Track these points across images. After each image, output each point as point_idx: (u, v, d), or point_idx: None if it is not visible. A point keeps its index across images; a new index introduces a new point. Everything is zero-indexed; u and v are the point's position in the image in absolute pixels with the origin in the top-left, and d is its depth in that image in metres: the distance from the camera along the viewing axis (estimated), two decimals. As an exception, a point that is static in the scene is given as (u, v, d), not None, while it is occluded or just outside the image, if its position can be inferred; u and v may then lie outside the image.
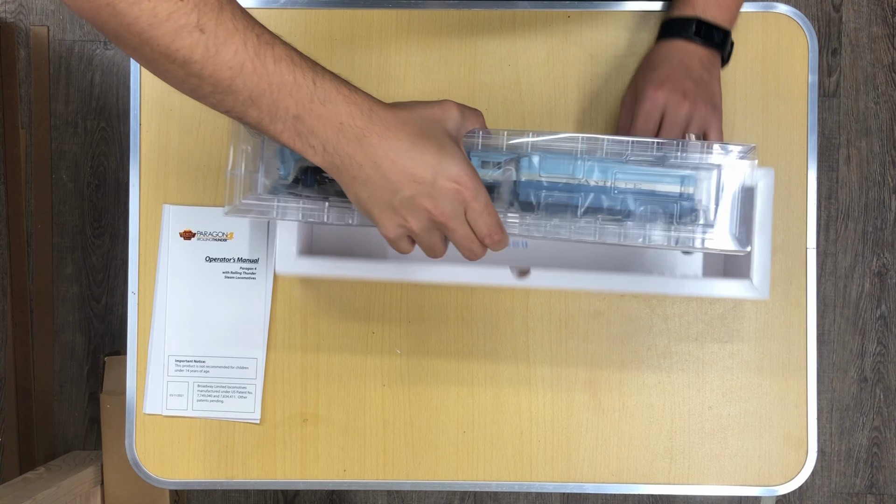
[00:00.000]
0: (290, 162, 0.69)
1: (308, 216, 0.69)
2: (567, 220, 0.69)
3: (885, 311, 1.67)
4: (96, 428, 1.66)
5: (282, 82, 0.58)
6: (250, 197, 0.70)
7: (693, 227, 0.69)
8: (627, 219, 0.69)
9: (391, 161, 0.60)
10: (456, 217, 0.63)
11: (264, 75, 0.57)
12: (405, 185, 0.61)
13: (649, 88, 0.78)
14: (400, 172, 0.60)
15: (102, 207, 1.68)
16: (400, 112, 0.62)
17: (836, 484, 1.67)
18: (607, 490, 0.89)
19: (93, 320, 1.67)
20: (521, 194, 0.70)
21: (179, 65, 0.56)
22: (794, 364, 0.88)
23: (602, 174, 0.69)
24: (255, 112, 0.59)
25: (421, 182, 0.61)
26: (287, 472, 0.89)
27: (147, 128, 0.90)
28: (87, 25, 1.68)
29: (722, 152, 0.68)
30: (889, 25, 1.67)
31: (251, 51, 0.57)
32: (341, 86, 0.60)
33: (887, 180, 1.66)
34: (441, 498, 1.68)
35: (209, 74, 0.57)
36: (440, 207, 0.62)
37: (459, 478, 0.89)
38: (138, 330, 0.89)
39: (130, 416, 0.89)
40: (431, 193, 0.61)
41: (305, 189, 0.69)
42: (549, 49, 0.90)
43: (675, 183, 0.69)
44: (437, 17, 0.90)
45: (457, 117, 0.65)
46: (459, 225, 0.63)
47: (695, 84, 0.79)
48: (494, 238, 0.65)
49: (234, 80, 0.57)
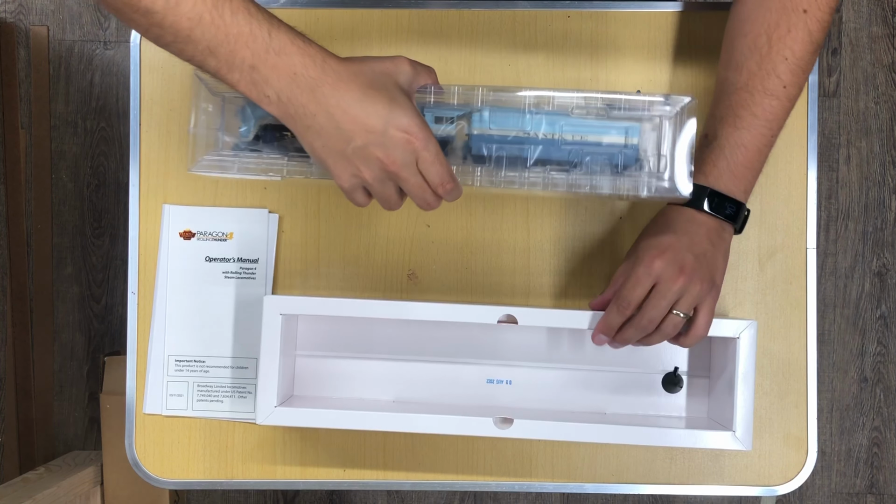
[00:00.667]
0: (251, 120, 0.72)
1: (269, 171, 0.72)
2: (517, 170, 0.73)
3: (885, 311, 1.67)
4: (96, 428, 1.66)
5: (238, 33, 0.60)
6: (212, 153, 0.73)
7: (638, 174, 0.75)
8: (575, 169, 0.74)
9: (343, 111, 0.63)
10: (407, 166, 0.65)
11: (221, 26, 0.60)
12: (357, 135, 0.63)
13: (647, 255, 0.74)
14: (351, 122, 0.63)
15: (102, 207, 1.68)
16: (352, 65, 0.64)
17: (836, 484, 1.67)
18: (607, 490, 0.89)
19: (93, 320, 1.67)
20: (474, 148, 0.73)
21: (142, 14, 0.59)
22: (794, 364, 0.88)
23: (550, 127, 0.73)
24: (213, 61, 0.62)
25: (372, 131, 0.63)
26: (287, 472, 0.89)
27: (147, 128, 0.90)
28: (87, 25, 1.68)
29: (665, 105, 0.74)
30: (889, 25, 1.67)
31: (209, 3, 0.59)
32: (296, 38, 0.63)
33: (887, 180, 1.66)
34: (441, 498, 1.68)
35: (169, 24, 0.60)
36: (391, 156, 0.64)
37: (459, 478, 0.89)
38: (138, 330, 0.89)
39: (130, 416, 0.89)
40: (383, 143, 0.64)
41: (266, 146, 0.72)
42: (549, 49, 0.89)
43: (620, 134, 0.74)
44: (437, 17, 0.90)
45: (409, 72, 0.68)
46: (411, 174, 0.66)
47: (695, 259, 0.73)
48: (446, 187, 0.67)
49: (192, 31, 0.60)
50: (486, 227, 0.89)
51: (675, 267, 0.73)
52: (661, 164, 0.75)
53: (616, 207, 0.88)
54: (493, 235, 0.89)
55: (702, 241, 0.75)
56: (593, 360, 0.86)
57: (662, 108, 0.75)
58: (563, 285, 0.89)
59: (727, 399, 0.80)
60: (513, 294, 0.89)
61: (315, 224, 0.89)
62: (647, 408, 0.87)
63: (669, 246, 0.74)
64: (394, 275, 0.89)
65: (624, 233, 0.89)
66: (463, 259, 0.89)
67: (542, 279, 0.89)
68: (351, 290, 0.89)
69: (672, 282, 0.73)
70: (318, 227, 0.89)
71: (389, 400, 0.86)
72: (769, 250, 0.89)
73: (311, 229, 0.89)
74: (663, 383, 0.86)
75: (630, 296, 0.74)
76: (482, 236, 0.89)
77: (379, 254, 0.89)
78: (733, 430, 0.79)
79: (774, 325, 0.88)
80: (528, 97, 0.73)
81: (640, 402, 0.86)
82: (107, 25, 1.68)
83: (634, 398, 0.86)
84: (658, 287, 0.73)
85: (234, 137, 0.74)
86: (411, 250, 0.89)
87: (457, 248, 0.89)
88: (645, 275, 0.73)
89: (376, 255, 0.89)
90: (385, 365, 0.87)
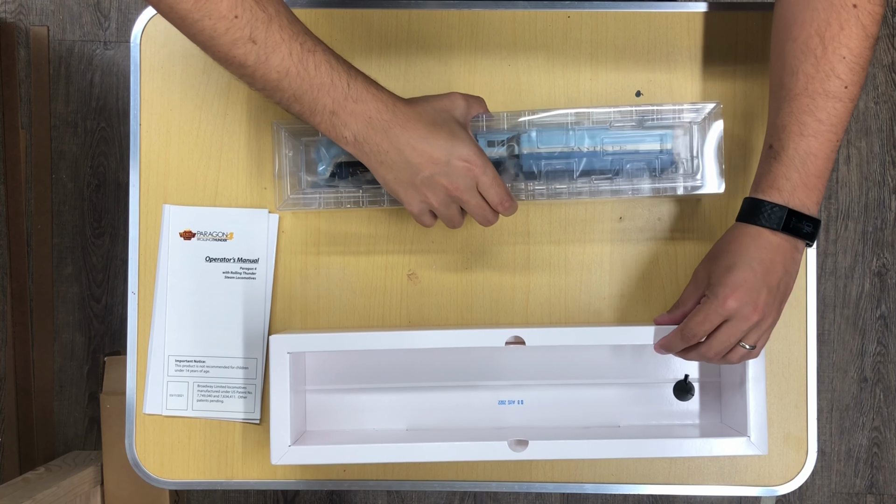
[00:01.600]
0: (327, 159, 0.82)
1: (346, 203, 0.82)
2: (565, 182, 0.82)
3: (885, 311, 1.67)
4: (96, 428, 1.66)
5: (321, 84, 0.70)
6: (296, 192, 0.83)
7: (674, 175, 0.82)
8: (617, 176, 0.82)
9: (412, 147, 0.72)
10: (469, 190, 0.74)
11: (306, 78, 0.69)
12: (424, 167, 0.73)
13: (721, 292, 0.72)
14: (419, 156, 0.72)
15: (102, 207, 1.68)
16: (416, 106, 0.74)
17: (836, 484, 1.67)
18: (607, 490, 0.89)
19: (93, 320, 1.67)
20: (525, 166, 0.82)
21: (236, 67, 0.69)
22: (794, 364, 0.88)
23: (591, 140, 0.82)
24: (298, 106, 0.71)
25: (437, 163, 0.73)
26: (287, 472, 0.89)
27: (147, 128, 0.90)
28: (86, 25, 1.68)
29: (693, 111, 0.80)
30: (889, 25, 1.67)
31: (295, 58, 0.69)
32: (370, 86, 0.72)
33: (887, 180, 1.66)
34: (441, 498, 1.68)
35: (260, 76, 0.69)
36: (455, 183, 0.74)
37: (459, 478, 0.89)
38: (138, 330, 0.89)
39: (130, 416, 0.89)
40: (447, 172, 0.73)
41: (341, 181, 0.82)
42: (549, 49, 0.90)
43: (655, 141, 0.82)
44: (437, 17, 0.90)
45: (463, 105, 0.77)
46: (472, 197, 0.75)
47: (769, 293, 0.72)
48: (505, 205, 0.76)
49: (280, 82, 0.69)
50: (486, 227, 0.89)
51: (750, 307, 0.72)
52: (694, 164, 0.82)
53: (616, 206, 0.88)
54: (494, 235, 0.89)
55: (777, 271, 0.73)
56: (604, 374, 0.86)
57: (691, 114, 0.81)
58: (563, 284, 0.89)
59: (740, 404, 0.80)
60: (513, 293, 0.89)
61: (315, 224, 0.89)
62: (661, 417, 0.86)
63: (744, 283, 0.72)
64: (394, 275, 0.89)
65: (623, 232, 0.89)
66: (463, 259, 0.89)
67: (543, 278, 0.89)
68: (351, 291, 0.89)
69: (745, 321, 0.72)
70: (318, 227, 0.89)
71: (403, 429, 0.86)
72: (769, 250, 0.89)
73: (312, 229, 0.89)
74: (674, 391, 0.86)
75: (698, 330, 0.74)
76: (482, 236, 0.89)
77: (379, 254, 0.89)
78: (748, 436, 0.79)
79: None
80: (569, 115, 0.81)
81: (654, 411, 0.86)
82: (107, 25, 1.68)
83: (647, 408, 0.86)
84: (729, 323, 0.73)
85: (313, 176, 0.83)
86: (411, 250, 0.89)
87: (457, 247, 0.89)
88: (716, 313, 0.72)
89: (377, 255, 0.89)
90: (396, 394, 0.87)
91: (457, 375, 0.86)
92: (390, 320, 0.89)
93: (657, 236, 0.89)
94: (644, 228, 0.89)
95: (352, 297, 0.89)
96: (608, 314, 0.89)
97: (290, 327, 0.89)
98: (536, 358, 0.86)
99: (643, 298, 0.89)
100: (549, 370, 0.86)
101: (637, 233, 0.89)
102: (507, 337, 0.78)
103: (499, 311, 0.89)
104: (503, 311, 0.89)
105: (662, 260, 0.89)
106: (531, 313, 0.89)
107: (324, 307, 0.89)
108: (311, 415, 0.87)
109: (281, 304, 0.89)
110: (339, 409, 0.87)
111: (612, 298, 0.89)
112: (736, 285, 0.72)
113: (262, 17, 0.67)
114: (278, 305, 0.89)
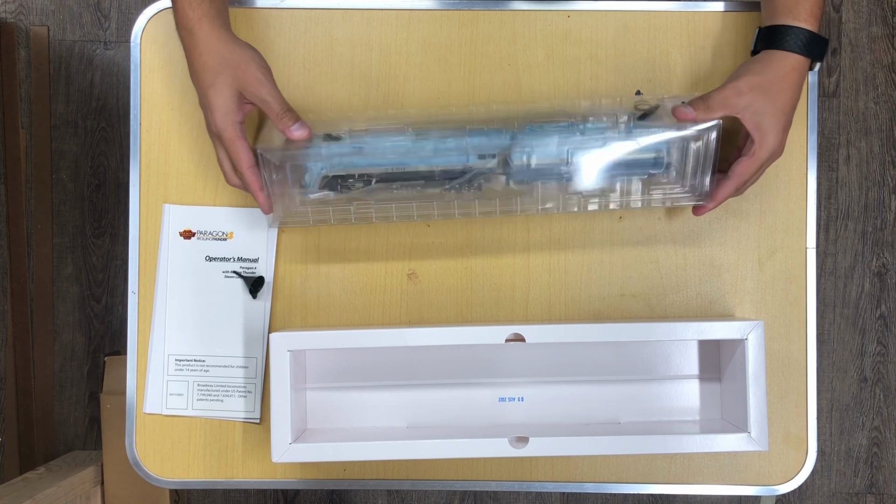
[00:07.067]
0: (315, 176, 0.80)
1: (337, 218, 0.82)
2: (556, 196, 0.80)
3: (885, 311, 1.67)
4: (96, 428, 1.66)
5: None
6: (289, 212, 0.82)
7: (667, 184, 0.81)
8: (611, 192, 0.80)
9: (197, 82, 0.80)
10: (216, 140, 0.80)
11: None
12: (200, 98, 0.80)
13: (776, 138, 0.79)
14: (200, 94, 0.80)
15: (102, 207, 1.68)
16: (219, 52, 0.79)
17: (836, 484, 1.67)
18: (607, 489, 0.89)
19: (93, 320, 1.67)
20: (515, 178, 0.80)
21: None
22: (793, 364, 0.88)
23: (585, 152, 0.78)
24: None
25: (202, 101, 0.80)
26: (287, 471, 0.89)
27: (147, 128, 0.90)
28: (87, 25, 1.68)
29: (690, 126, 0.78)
30: (889, 25, 1.67)
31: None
32: (214, 19, 0.78)
33: (887, 180, 1.66)
34: (441, 498, 1.68)
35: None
36: (210, 127, 0.80)
37: (459, 477, 0.89)
38: (138, 330, 0.89)
39: (130, 416, 0.89)
40: (205, 110, 0.80)
41: (332, 193, 0.81)
42: (549, 49, 0.90)
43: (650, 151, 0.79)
44: (437, 17, 0.90)
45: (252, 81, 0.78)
46: (219, 148, 0.81)
47: (786, 117, 0.80)
48: (232, 181, 0.82)
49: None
50: (486, 226, 0.89)
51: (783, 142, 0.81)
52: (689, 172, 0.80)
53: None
54: (493, 235, 0.89)
55: (794, 93, 0.80)
56: (604, 371, 0.87)
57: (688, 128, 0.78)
58: (563, 283, 0.89)
59: (740, 400, 0.80)
60: (513, 293, 0.89)
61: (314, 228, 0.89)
62: (661, 414, 0.87)
63: (788, 124, 0.80)
64: (394, 274, 0.89)
65: (623, 231, 0.89)
66: (463, 259, 0.89)
67: (542, 278, 0.89)
68: (351, 290, 0.89)
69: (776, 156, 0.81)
70: (318, 227, 0.89)
71: (403, 426, 0.86)
72: (769, 250, 0.89)
73: (312, 228, 0.89)
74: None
75: (747, 176, 0.81)
76: (482, 235, 0.89)
77: (379, 253, 0.89)
78: (748, 432, 0.79)
79: (774, 325, 0.88)
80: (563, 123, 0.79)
81: (654, 408, 0.87)
82: (107, 25, 1.68)
83: (647, 405, 0.87)
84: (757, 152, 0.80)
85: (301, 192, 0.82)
86: (411, 250, 0.89)
87: (457, 247, 0.89)
88: (768, 162, 0.81)
89: (377, 254, 0.89)
90: (396, 392, 0.87)
91: (457, 373, 0.86)
92: (390, 319, 0.89)
93: (657, 236, 0.89)
94: (644, 228, 0.89)
95: (352, 296, 0.89)
96: (608, 313, 0.89)
97: (290, 327, 0.89)
98: (537, 355, 0.86)
99: (643, 298, 0.89)
100: (549, 367, 0.86)
101: (637, 232, 0.89)
102: (507, 334, 0.78)
103: (499, 310, 0.89)
104: (503, 311, 0.89)
105: (662, 259, 0.89)
106: (531, 313, 0.89)
107: (324, 306, 0.89)
108: (312, 413, 0.87)
109: (281, 304, 0.89)
110: (340, 407, 0.87)
111: (612, 298, 0.89)
112: (782, 129, 0.79)
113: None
114: (278, 305, 0.89)
